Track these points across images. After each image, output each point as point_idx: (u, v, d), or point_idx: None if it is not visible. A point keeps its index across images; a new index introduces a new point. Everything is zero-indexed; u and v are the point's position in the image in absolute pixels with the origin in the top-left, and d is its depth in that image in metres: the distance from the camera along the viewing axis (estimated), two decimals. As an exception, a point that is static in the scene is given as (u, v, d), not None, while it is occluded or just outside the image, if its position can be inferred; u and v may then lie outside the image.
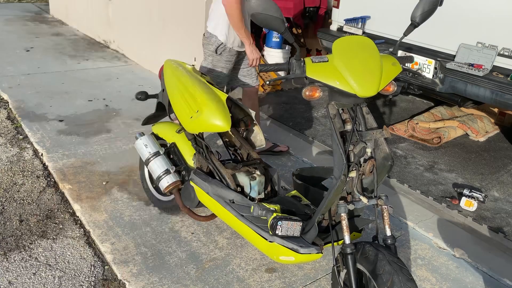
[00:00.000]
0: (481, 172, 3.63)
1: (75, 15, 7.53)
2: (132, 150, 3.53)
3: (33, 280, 2.21)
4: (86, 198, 2.88)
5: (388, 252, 1.71)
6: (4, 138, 3.60)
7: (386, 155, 1.81)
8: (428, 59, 3.78)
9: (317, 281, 2.34)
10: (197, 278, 2.29)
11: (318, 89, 1.72)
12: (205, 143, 2.39)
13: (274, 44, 5.70)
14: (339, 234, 2.00)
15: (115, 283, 2.25)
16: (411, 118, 4.38)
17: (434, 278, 2.44)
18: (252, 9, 1.64)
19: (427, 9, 1.85)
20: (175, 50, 5.11)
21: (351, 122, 1.78)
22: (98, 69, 5.53)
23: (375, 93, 1.68)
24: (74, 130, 3.80)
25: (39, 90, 4.63)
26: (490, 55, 3.44)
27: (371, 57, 1.72)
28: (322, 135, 4.10)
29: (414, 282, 1.64)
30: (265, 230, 2.01)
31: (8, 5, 9.22)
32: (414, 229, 2.84)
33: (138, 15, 5.65)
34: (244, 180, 2.25)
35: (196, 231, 2.65)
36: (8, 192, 2.90)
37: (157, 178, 2.49)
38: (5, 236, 2.50)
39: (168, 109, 2.56)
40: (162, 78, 2.63)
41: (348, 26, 4.48)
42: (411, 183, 3.35)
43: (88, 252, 2.44)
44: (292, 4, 5.47)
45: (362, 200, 1.80)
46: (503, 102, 3.34)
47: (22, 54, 5.84)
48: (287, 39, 1.73)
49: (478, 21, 3.51)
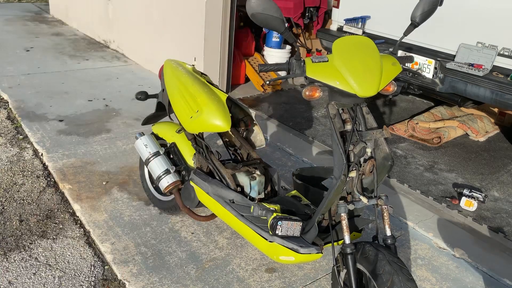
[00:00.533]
0: (481, 172, 3.63)
1: (75, 15, 7.53)
2: (132, 150, 3.53)
3: (33, 280, 2.21)
4: (86, 198, 2.88)
5: (388, 252, 1.71)
6: (4, 138, 3.60)
7: (386, 155, 1.81)
8: (428, 59, 3.78)
9: (317, 281, 2.34)
10: (197, 278, 2.29)
11: (318, 89, 1.72)
12: (205, 143, 2.39)
13: (274, 44, 5.70)
14: (339, 234, 2.00)
15: (115, 283, 2.25)
16: (411, 118, 4.38)
17: (434, 278, 2.44)
18: (252, 9, 1.64)
19: (427, 9, 1.84)
20: (175, 50, 5.12)
21: (351, 122, 1.78)
22: (98, 69, 5.53)
23: (375, 93, 1.68)
24: (74, 130, 3.80)
25: (39, 90, 4.63)
26: (490, 55, 3.45)
27: (371, 57, 1.72)
28: (322, 135, 4.10)
29: (414, 282, 1.64)
30: (265, 230, 2.01)
31: (8, 5, 9.22)
32: (414, 229, 2.84)
33: (138, 15, 5.65)
34: (244, 180, 2.25)
35: (196, 231, 2.65)
36: (8, 192, 2.90)
37: (157, 178, 2.49)
38: (5, 236, 2.50)
39: (168, 109, 2.56)
40: (162, 78, 2.63)
41: (348, 26, 4.48)
42: (411, 183, 3.35)
43: (88, 252, 2.44)
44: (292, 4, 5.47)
45: (362, 200, 1.80)
46: (503, 102, 3.34)
47: (22, 54, 5.84)
48: (287, 39, 1.73)
49: (478, 21, 3.51)
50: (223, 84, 4.94)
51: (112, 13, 6.29)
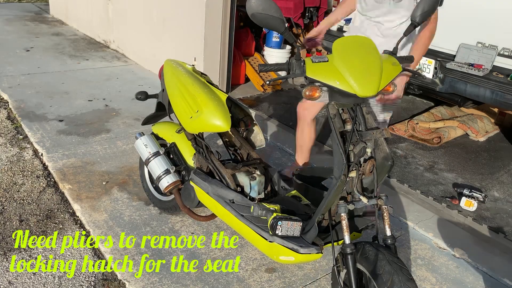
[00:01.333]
0: (481, 172, 3.63)
1: (75, 15, 7.53)
2: (132, 150, 3.53)
3: (33, 280, 2.21)
4: (86, 198, 2.88)
5: (388, 252, 1.71)
6: (4, 138, 3.60)
7: (386, 155, 1.81)
8: (428, 59, 3.78)
9: (317, 281, 2.34)
10: (197, 278, 2.29)
11: (318, 89, 1.72)
12: (205, 143, 2.39)
13: (274, 44, 5.70)
14: (339, 234, 2.00)
15: (115, 283, 2.25)
16: (411, 118, 4.38)
17: (434, 278, 2.44)
18: (252, 9, 1.64)
19: (427, 9, 1.84)
20: (175, 50, 5.12)
21: (351, 122, 1.78)
22: (98, 69, 5.53)
23: (375, 93, 1.68)
24: (74, 130, 3.80)
25: (39, 90, 4.63)
26: (490, 55, 3.45)
27: (371, 57, 1.72)
28: (322, 135, 4.10)
29: (414, 282, 1.64)
30: (265, 230, 2.01)
31: (8, 5, 9.22)
32: (414, 229, 2.84)
33: (138, 15, 5.65)
34: (244, 180, 2.25)
35: (196, 231, 2.65)
36: (8, 192, 2.90)
37: (157, 178, 2.49)
38: (5, 236, 2.50)
39: (168, 109, 2.56)
40: (162, 78, 2.63)
41: (348, 26, 4.48)
42: (411, 183, 3.35)
43: (88, 252, 2.44)
44: (292, 4, 5.47)
45: (362, 200, 1.80)
46: (503, 102, 3.34)
47: (22, 54, 5.84)
48: (288, 39, 1.73)
49: (478, 21, 3.51)
50: (223, 84, 4.94)
51: (112, 13, 6.29)
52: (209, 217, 2.53)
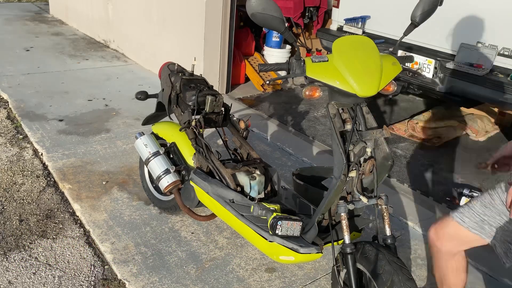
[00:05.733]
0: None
1: (75, 14, 7.53)
2: (132, 150, 3.53)
3: (33, 279, 2.21)
4: (86, 197, 2.88)
5: (388, 252, 1.71)
6: (4, 138, 3.60)
7: (386, 154, 1.81)
8: (428, 58, 3.78)
9: (317, 281, 2.34)
10: (197, 278, 2.29)
11: (318, 89, 1.72)
12: (205, 143, 2.39)
13: (274, 44, 5.70)
14: (339, 234, 2.00)
15: (115, 283, 2.25)
16: (411, 118, 4.38)
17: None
18: (252, 9, 1.64)
19: (427, 9, 1.84)
20: (175, 50, 5.11)
21: (351, 121, 1.78)
22: (98, 68, 5.53)
23: (375, 93, 1.68)
24: (74, 130, 3.79)
25: (39, 89, 4.63)
26: (490, 55, 3.44)
27: (371, 57, 1.72)
28: (322, 135, 4.10)
29: (414, 282, 1.64)
30: (265, 230, 2.01)
31: (8, 5, 9.22)
32: (414, 229, 2.84)
33: (138, 14, 5.65)
34: (244, 180, 2.25)
35: (196, 231, 2.65)
36: (8, 192, 2.90)
37: (157, 178, 2.49)
38: (5, 236, 2.50)
39: (168, 109, 2.55)
40: (162, 78, 2.63)
41: (348, 25, 4.48)
42: (411, 183, 3.35)
43: (88, 252, 2.44)
44: (292, 4, 5.47)
45: (362, 200, 1.80)
46: (503, 102, 3.34)
47: (22, 53, 5.84)
48: (288, 38, 1.73)
49: (478, 21, 3.51)
50: (223, 83, 4.94)
51: (112, 13, 6.29)
52: (209, 217, 2.53)
